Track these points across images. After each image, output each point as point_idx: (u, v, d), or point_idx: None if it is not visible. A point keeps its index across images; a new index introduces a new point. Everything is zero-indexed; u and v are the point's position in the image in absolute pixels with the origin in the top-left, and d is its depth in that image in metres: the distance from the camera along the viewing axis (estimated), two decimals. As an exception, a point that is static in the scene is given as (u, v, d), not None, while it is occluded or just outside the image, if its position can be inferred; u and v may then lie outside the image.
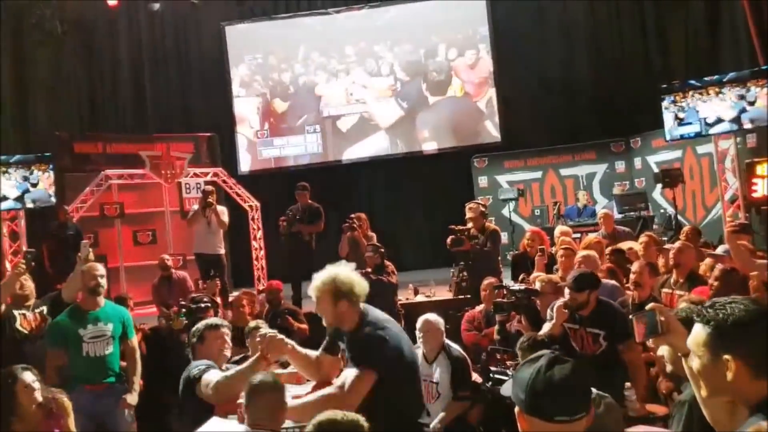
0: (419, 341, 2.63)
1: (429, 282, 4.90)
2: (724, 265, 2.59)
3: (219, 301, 4.02)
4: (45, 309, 2.75)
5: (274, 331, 1.78)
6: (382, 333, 1.62)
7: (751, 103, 4.85)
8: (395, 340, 1.64)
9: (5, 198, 5.09)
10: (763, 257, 2.81)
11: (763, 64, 5.02)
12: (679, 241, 3.17)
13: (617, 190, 6.35)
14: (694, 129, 5.14)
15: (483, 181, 6.80)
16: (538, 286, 2.79)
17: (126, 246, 5.80)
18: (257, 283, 5.89)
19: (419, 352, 2.58)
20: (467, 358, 2.69)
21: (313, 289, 1.68)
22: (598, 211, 5.36)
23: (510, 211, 6.16)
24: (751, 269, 2.53)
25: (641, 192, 6.14)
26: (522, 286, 2.89)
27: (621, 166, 6.67)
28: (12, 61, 5.99)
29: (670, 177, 5.21)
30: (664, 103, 5.22)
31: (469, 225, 3.97)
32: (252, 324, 2.63)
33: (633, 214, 5.60)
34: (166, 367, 3.00)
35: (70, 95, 6.81)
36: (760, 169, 4.76)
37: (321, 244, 4.78)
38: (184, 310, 3.30)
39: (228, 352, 2.04)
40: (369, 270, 3.76)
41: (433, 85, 7.13)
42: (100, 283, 2.62)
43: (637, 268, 2.74)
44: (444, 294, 4.60)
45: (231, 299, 3.99)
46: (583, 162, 6.73)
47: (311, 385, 1.79)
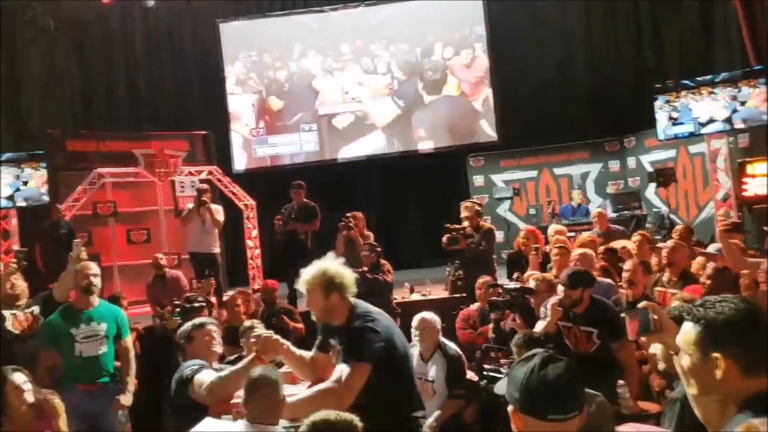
0: (415, 339, 2.64)
1: (425, 281, 4.91)
2: (716, 263, 2.63)
3: (213, 300, 4.00)
4: (36, 309, 2.73)
5: (269, 332, 1.78)
6: (373, 325, 1.61)
7: (743, 104, 4.90)
8: (386, 332, 1.64)
9: (-4, 196, 5.05)
10: (754, 256, 2.85)
11: (755, 65, 5.07)
12: (672, 240, 3.20)
13: (611, 189, 6.39)
14: (688, 129, 5.19)
15: (478, 180, 6.81)
16: (532, 284, 2.81)
17: (120, 245, 5.74)
18: (252, 282, 5.86)
19: (415, 350, 2.58)
20: (463, 357, 2.70)
21: (304, 282, 1.67)
22: (592, 210, 5.40)
23: (505, 210, 6.19)
24: (742, 268, 2.56)
25: (635, 191, 6.19)
26: (516, 285, 2.91)
27: (615, 166, 6.71)
28: (4, 59, 5.91)
29: (664, 176, 5.27)
30: (658, 103, 5.26)
31: (465, 224, 3.98)
32: (247, 324, 2.62)
33: (627, 213, 5.66)
34: (160, 367, 2.97)
35: (63, 92, 6.73)
36: (751, 168, 4.83)
37: (317, 243, 4.77)
38: (178, 309, 3.28)
39: (218, 349, 2.03)
40: (365, 269, 3.76)
41: (429, 84, 7.12)
42: (93, 282, 2.60)
43: (630, 267, 2.76)
44: (440, 292, 4.61)
45: (226, 298, 3.97)
46: (578, 161, 6.76)
47: (306, 386, 1.79)
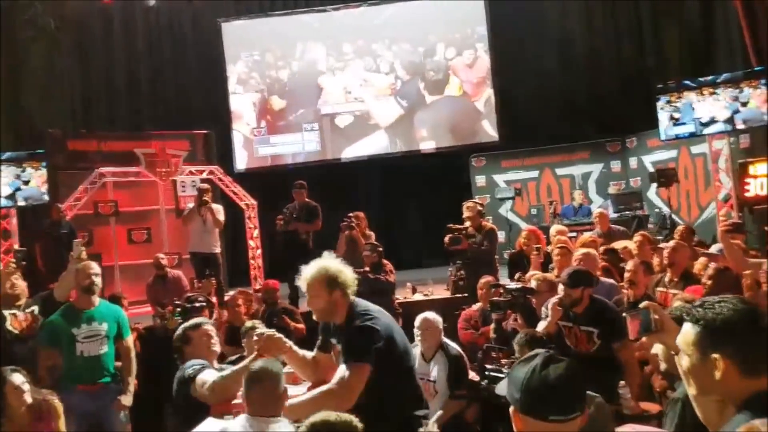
0: (417, 339, 2.64)
1: (427, 281, 4.91)
2: (718, 264, 2.62)
3: (214, 300, 4.00)
4: (36, 309, 2.72)
5: (272, 331, 1.77)
6: (373, 324, 1.61)
7: (744, 104, 4.89)
8: (387, 330, 1.63)
9: (-3, 196, 5.05)
10: (755, 256, 2.84)
11: (756, 65, 5.06)
12: (674, 241, 3.19)
13: (613, 190, 6.38)
14: (689, 129, 5.18)
15: (480, 180, 6.81)
16: (533, 284, 2.80)
17: (121, 244, 5.74)
18: (253, 282, 5.85)
19: (417, 350, 2.58)
20: (465, 357, 2.70)
21: (305, 280, 1.66)
22: (593, 210, 5.39)
23: (507, 210, 6.19)
24: (743, 268, 2.56)
25: (636, 191, 6.18)
26: (518, 285, 2.91)
27: (616, 166, 6.71)
28: (5, 58, 5.91)
29: (665, 177, 5.26)
30: (660, 103, 5.25)
31: (467, 224, 3.98)
32: (248, 324, 2.62)
33: (628, 213, 5.65)
34: (160, 367, 2.97)
35: (64, 92, 6.73)
36: (753, 169, 4.82)
37: (318, 243, 4.76)
38: (179, 309, 3.28)
39: (216, 348, 2.02)
40: (367, 269, 3.76)
41: (431, 84, 7.11)
42: (94, 282, 2.60)
43: (631, 267, 2.76)
44: (442, 293, 4.61)
45: (226, 298, 3.97)
46: (579, 161, 6.75)
47: (307, 386, 1.79)
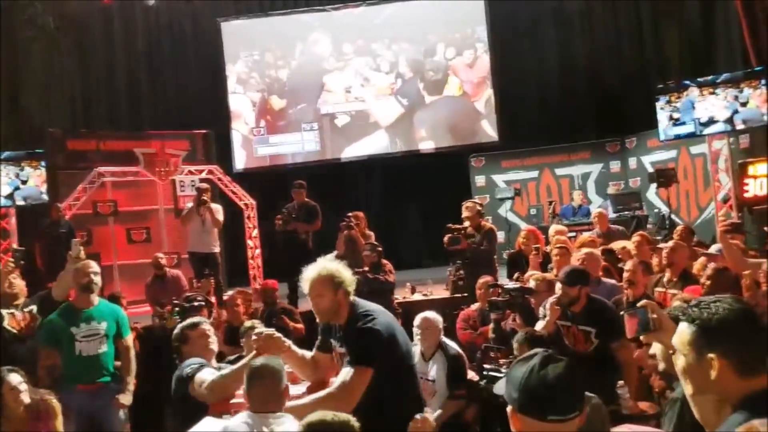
0: (417, 338, 2.63)
1: (426, 281, 4.91)
2: (717, 264, 2.62)
3: (213, 300, 4.00)
4: (35, 308, 2.72)
5: (271, 330, 1.77)
6: (374, 326, 1.61)
7: (744, 104, 4.89)
8: (388, 330, 1.63)
9: (-5, 195, 5.04)
10: (754, 256, 2.84)
11: (756, 65, 5.06)
12: (672, 241, 3.20)
13: (612, 190, 6.39)
14: (689, 129, 5.18)
15: (480, 180, 6.81)
16: (532, 284, 2.80)
17: (120, 244, 5.73)
18: (253, 282, 5.86)
19: (417, 349, 2.58)
20: (464, 357, 2.69)
21: (309, 279, 1.66)
22: (592, 210, 5.39)
23: (506, 211, 6.18)
24: (742, 268, 2.56)
25: (636, 192, 6.18)
26: (517, 285, 2.91)
27: (616, 166, 6.71)
28: (4, 57, 5.91)
29: (665, 177, 5.26)
30: (659, 104, 5.26)
31: (466, 224, 3.97)
32: (248, 324, 2.62)
33: (627, 213, 5.65)
34: (159, 367, 2.98)
35: (64, 91, 6.73)
36: (752, 169, 4.82)
37: (317, 242, 4.76)
38: (177, 309, 3.28)
39: (214, 347, 2.03)
40: (366, 269, 3.76)
41: (430, 84, 7.11)
42: (93, 280, 2.59)
43: (630, 267, 2.76)
44: (441, 292, 4.61)
45: (225, 298, 3.97)
46: (579, 162, 6.76)
47: (306, 385, 1.79)
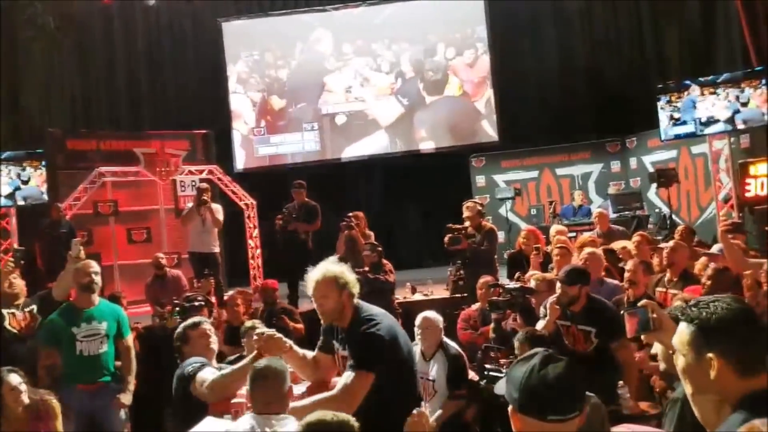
0: (417, 338, 2.64)
1: (426, 281, 4.91)
2: (717, 264, 2.62)
3: (213, 300, 4.00)
4: (35, 308, 2.73)
5: (272, 330, 1.77)
6: (376, 331, 1.61)
7: (744, 104, 4.89)
8: (390, 335, 1.64)
9: (-4, 195, 5.05)
10: (755, 256, 2.84)
11: (757, 65, 5.06)
12: (673, 241, 3.19)
13: (612, 190, 6.38)
14: (689, 129, 5.18)
15: (480, 180, 6.81)
16: (533, 284, 2.81)
17: (120, 244, 5.74)
18: (253, 282, 5.86)
19: (417, 349, 2.58)
20: (464, 356, 2.69)
21: (314, 281, 1.66)
22: (593, 210, 5.39)
23: (507, 211, 6.18)
24: (743, 268, 2.55)
25: (636, 191, 6.18)
26: (517, 285, 2.91)
27: (616, 166, 6.71)
28: (4, 57, 5.91)
29: (665, 177, 5.25)
30: (660, 103, 5.25)
31: (467, 224, 3.97)
32: (248, 323, 2.62)
33: (628, 213, 5.64)
34: (160, 366, 2.98)
35: (64, 91, 6.74)
36: (753, 169, 4.82)
37: (318, 242, 4.77)
38: (177, 308, 3.27)
39: (214, 346, 2.04)
40: (366, 269, 3.76)
41: (430, 84, 7.11)
42: (93, 280, 2.59)
43: (631, 267, 2.76)
44: (441, 292, 4.60)
45: (226, 298, 3.97)
46: (579, 162, 6.75)
47: (307, 385, 1.79)
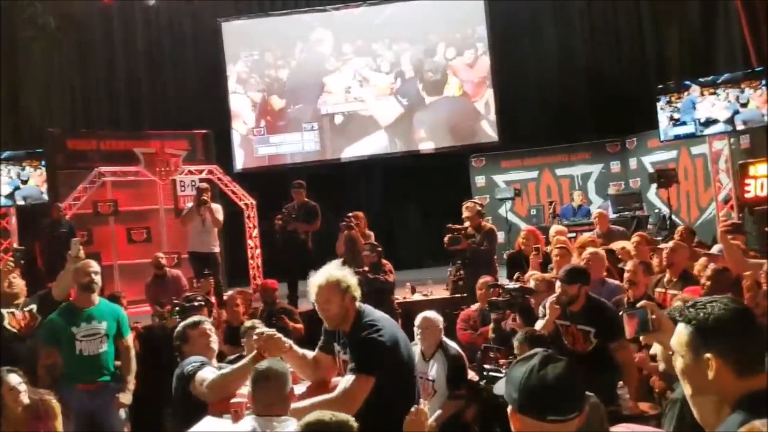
0: (417, 338, 2.64)
1: (426, 281, 4.92)
2: (717, 264, 2.62)
3: (213, 299, 4.00)
4: (34, 307, 2.73)
5: (272, 330, 1.78)
6: (379, 336, 1.62)
7: (744, 105, 4.89)
8: (392, 340, 1.65)
9: (-4, 195, 5.04)
10: (755, 257, 2.84)
11: (757, 66, 5.06)
12: (673, 241, 3.19)
13: (612, 190, 6.38)
14: (689, 129, 5.18)
15: (480, 180, 6.82)
16: (532, 284, 2.81)
17: (120, 244, 5.74)
18: (252, 281, 5.86)
19: (417, 348, 2.58)
20: (464, 357, 2.69)
21: (317, 286, 1.66)
22: (593, 210, 5.39)
23: (507, 211, 6.18)
24: (743, 268, 2.56)
25: (636, 192, 6.18)
26: (517, 285, 2.91)
27: (616, 166, 6.71)
28: (4, 57, 5.91)
29: (665, 177, 5.25)
30: (660, 104, 5.26)
31: (466, 224, 3.97)
32: (248, 323, 2.62)
33: (628, 213, 5.64)
34: (159, 366, 2.98)
35: (64, 91, 6.73)
36: (753, 170, 4.82)
37: (317, 242, 4.77)
38: (177, 308, 3.27)
39: (215, 346, 2.04)
40: (366, 269, 3.76)
41: (429, 84, 7.11)
42: (93, 280, 2.59)
43: (631, 267, 2.76)
44: (441, 293, 4.60)
45: (225, 298, 3.97)
46: (579, 162, 6.76)
47: (306, 385, 1.79)
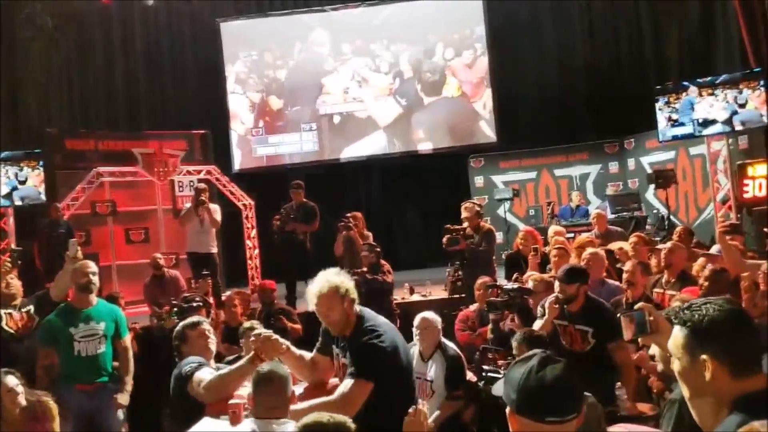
0: (416, 339, 2.64)
1: (425, 281, 4.91)
2: (715, 265, 2.62)
3: (211, 300, 3.99)
4: (32, 308, 2.72)
5: (269, 331, 1.78)
6: (379, 342, 1.63)
7: (743, 105, 4.90)
8: (392, 345, 1.66)
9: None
10: (753, 257, 2.85)
11: (755, 66, 5.07)
12: (671, 242, 3.20)
13: (610, 191, 6.39)
14: (687, 130, 5.20)
15: (479, 181, 6.82)
16: (530, 285, 2.81)
17: (118, 244, 5.72)
18: (251, 282, 5.85)
19: (415, 349, 2.58)
20: (462, 357, 2.69)
21: (317, 294, 1.67)
22: (591, 211, 5.40)
23: (505, 211, 6.19)
24: (741, 269, 2.56)
25: (634, 192, 6.19)
26: (515, 285, 2.91)
27: (614, 167, 6.72)
28: (3, 57, 5.89)
29: (663, 178, 5.26)
30: (658, 104, 5.27)
31: (465, 224, 3.97)
32: (246, 324, 2.62)
33: (626, 214, 5.65)
34: (157, 367, 2.97)
35: (62, 91, 6.72)
36: (751, 170, 4.83)
37: (316, 243, 4.76)
38: (175, 309, 3.27)
39: (213, 346, 2.04)
40: (365, 269, 3.76)
41: (428, 85, 7.11)
42: (91, 280, 2.59)
43: (629, 268, 2.76)
44: (439, 293, 4.61)
45: (223, 299, 3.96)
46: (577, 162, 6.77)
47: (303, 386, 1.79)
